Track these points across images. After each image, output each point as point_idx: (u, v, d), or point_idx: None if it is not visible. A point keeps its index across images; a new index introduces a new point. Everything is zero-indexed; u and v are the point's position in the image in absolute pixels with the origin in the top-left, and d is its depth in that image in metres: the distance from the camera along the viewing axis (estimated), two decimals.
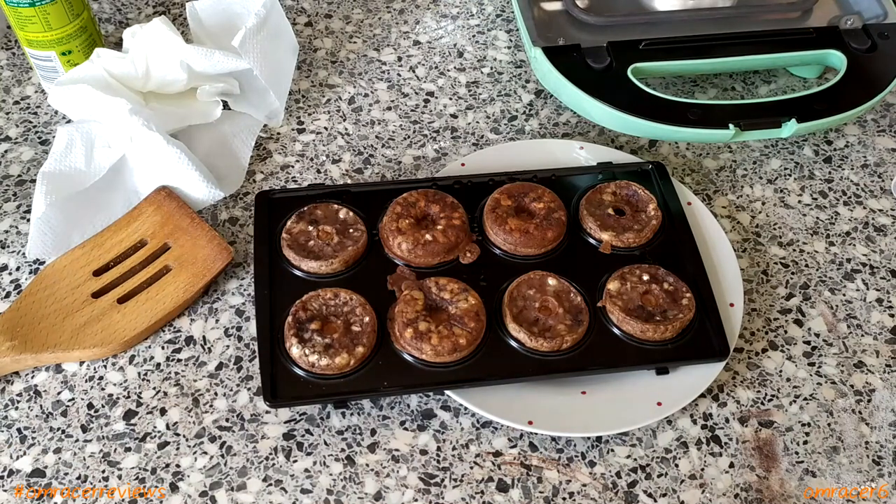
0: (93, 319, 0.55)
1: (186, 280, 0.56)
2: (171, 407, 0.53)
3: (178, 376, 0.54)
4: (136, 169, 0.60)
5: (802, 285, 0.60)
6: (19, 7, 0.62)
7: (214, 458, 0.51)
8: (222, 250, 0.58)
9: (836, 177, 0.67)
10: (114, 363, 0.55)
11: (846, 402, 0.55)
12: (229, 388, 0.54)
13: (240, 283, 0.59)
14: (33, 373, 0.54)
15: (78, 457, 0.51)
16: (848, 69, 0.65)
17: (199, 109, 0.65)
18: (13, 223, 0.61)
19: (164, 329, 0.56)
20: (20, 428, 0.52)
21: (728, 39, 0.67)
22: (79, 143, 0.60)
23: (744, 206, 0.65)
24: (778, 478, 0.52)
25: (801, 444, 0.53)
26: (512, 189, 0.60)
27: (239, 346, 0.56)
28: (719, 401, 0.55)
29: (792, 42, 0.67)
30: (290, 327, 0.52)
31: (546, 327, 0.53)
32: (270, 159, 0.66)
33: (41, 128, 0.67)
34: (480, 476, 0.51)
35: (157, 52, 0.62)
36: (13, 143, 0.66)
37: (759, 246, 0.62)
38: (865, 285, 0.61)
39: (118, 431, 0.52)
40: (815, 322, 0.59)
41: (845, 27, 0.68)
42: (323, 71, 0.72)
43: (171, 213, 0.59)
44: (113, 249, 0.58)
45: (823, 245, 0.63)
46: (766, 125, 0.62)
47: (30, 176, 0.64)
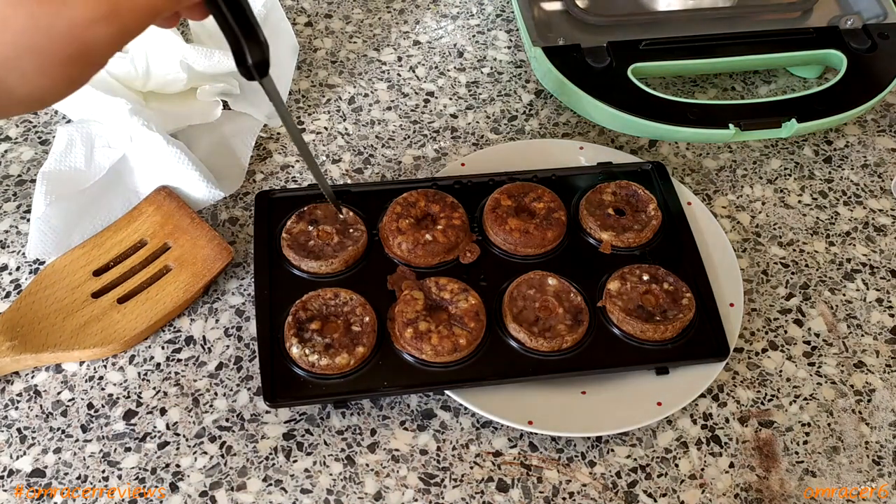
0: (93, 319, 0.55)
1: (186, 280, 0.56)
2: (171, 407, 0.53)
3: (178, 376, 0.54)
4: (136, 169, 0.60)
5: (802, 285, 0.60)
6: None
7: (214, 458, 0.51)
8: (222, 250, 0.58)
9: (836, 177, 0.67)
10: (114, 363, 0.55)
11: (846, 402, 0.55)
12: (229, 388, 0.54)
13: (240, 282, 0.59)
14: (33, 373, 0.54)
15: (78, 457, 0.51)
16: (848, 69, 0.65)
17: (199, 109, 0.65)
18: (13, 223, 0.61)
19: (164, 329, 0.56)
20: (20, 428, 0.52)
21: (728, 39, 0.67)
22: (79, 142, 0.60)
23: (744, 206, 0.65)
24: (778, 478, 0.52)
25: (801, 444, 0.53)
26: (512, 189, 0.60)
27: (239, 345, 0.56)
28: (719, 401, 0.55)
29: (792, 42, 0.67)
30: (291, 327, 0.52)
31: (546, 327, 0.53)
32: (270, 159, 0.66)
33: (41, 128, 0.67)
34: (480, 476, 0.51)
35: (157, 52, 0.62)
36: (13, 143, 0.66)
37: (759, 246, 0.62)
38: (865, 285, 0.61)
39: (118, 431, 0.52)
40: (815, 322, 0.59)
41: (845, 27, 0.68)
42: (323, 71, 0.72)
43: (171, 213, 0.59)
44: (113, 249, 0.58)
45: (823, 245, 0.63)
46: (767, 125, 0.62)
47: (30, 176, 0.64)
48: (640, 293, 0.55)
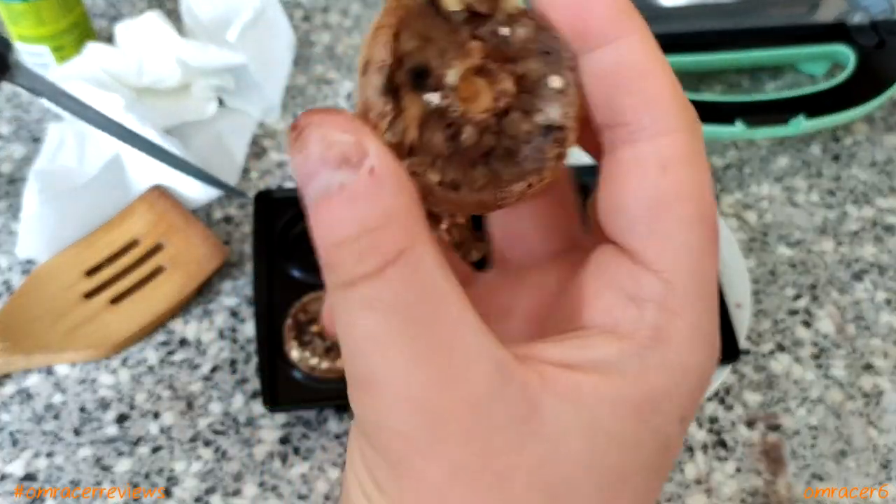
0: (85, 320, 0.54)
1: (180, 280, 0.55)
2: (165, 410, 0.52)
3: (171, 379, 0.53)
4: (129, 167, 0.59)
5: (810, 286, 0.59)
6: (11, 3, 0.60)
7: (209, 463, 0.50)
8: (217, 250, 0.56)
9: (844, 175, 0.66)
10: (106, 365, 0.54)
11: (854, 404, 0.54)
12: (224, 391, 0.53)
13: (234, 283, 0.57)
14: (25, 375, 0.53)
15: (70, 461, 0.50)
16: (857, 66, 0.64)
17: (193, 106, 0.64)
18: (4, 222, 0.60)
19: (158, 330, 0.55)
20: (12, 431, 0.51)
21: (734, 34, 0.66)
22: (71, 140, 0.59)
23: (751, 205, 0.64)
24: (785, 482, 0.51)
25: (808, 447, 0.52)
26: None
27: (234, 348, 0.55)
28: (725, 403, 0.54)
29: (799, 37, 0.67)
30: (290, 330, 0.51)
31: None
32: (266, 156, 0.65)
33: (33, 125, 0.65)
34: None
35: (151, 47, 0.61)
36: (4, 141, 0.64)
37: (766, 245, 0.61)
38: (874, 286, 0.60)
39: (111, 435, 0.51)
40: (823, 323, 0.58)
41: (853, 23, 0.67)
42: (320, 66, 0.71)
43: (164, 212, 0.58)
44: (105, 249, 0.57)
45: (832, 245, 0.62)
46: (774, 121, 0.61)
47: (21, 174, 0.62)
48: None
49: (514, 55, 0.21)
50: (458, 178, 0.21)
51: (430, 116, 0.20)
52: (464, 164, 0.21)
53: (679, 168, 0.20)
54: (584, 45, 0.21)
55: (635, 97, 0.21)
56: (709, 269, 0.21)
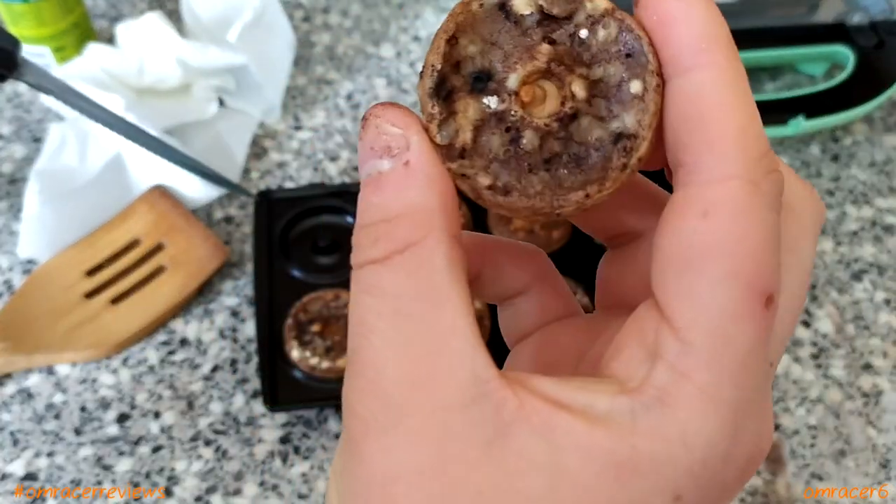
0: (86, 320, 0.54)
1: (181, 280, 0.55)
2: (166, 410, 0.52)
3: (172, 378, 0.53)
4: (130, 167, 0.59)
5: (810, 285, 0.59)
6: (11, 4, 0.60)
7: (210, 463, 0.50)
8: (217, 250, 0.56)
9: (843, 175, 0.66)
10: (107, 365, 0.54)
11: (853, 404, 0.54)
12: (225, 390, 0.53)
13: (235, 283, 0.58)
14: (26, 375, 0.53)
15: (71, 460, 0.50)
16: (856, 66, 0.64)
17: (193, 106, 0.64)
18: (6, 222, 0.60)
19: (159, 330, 0.55)
20: (13, 431, 0.51)
21: (733, 35, 0.66)
22: (72, 140, 0.59)
23: None
24: (784, 482, 0.51)
25: (807, 447, 0.52)
26: None
27: (234, 347, 0.55)
28: None
29: (798, 37, 0.67)
30: (291, 329, 0.51)
31: None
32: (266, 157, 0.65)
33: (34, 125, 0.66)
34: None
35: (152, 47, 0.61)
36: (5, 141, 0.65)
37: None
38: (873, 286, 0.60)
39: (112, 435, 0.51)
40: (822, 323, 0.58)
41: (852, 23, 0.67)
42: (320, 66, 0.71)
43: (165, 212, 0.58)
44: (106, 249, 0.57)
45: (831, 245, 0.62)
46: (773, 122, 0.61)
47: (23, 174, 0.62)
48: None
49: (590, 59, 0.20)
50: (510, 183, 0.20)
51: (488, 120, 0.20)
52: (520, 169, 0.20)
53: (723, 217, 0.18)
54: (665, 70, 0.20)
55: (697, 136, 0.19)
56: (739, 335, 0.18)
